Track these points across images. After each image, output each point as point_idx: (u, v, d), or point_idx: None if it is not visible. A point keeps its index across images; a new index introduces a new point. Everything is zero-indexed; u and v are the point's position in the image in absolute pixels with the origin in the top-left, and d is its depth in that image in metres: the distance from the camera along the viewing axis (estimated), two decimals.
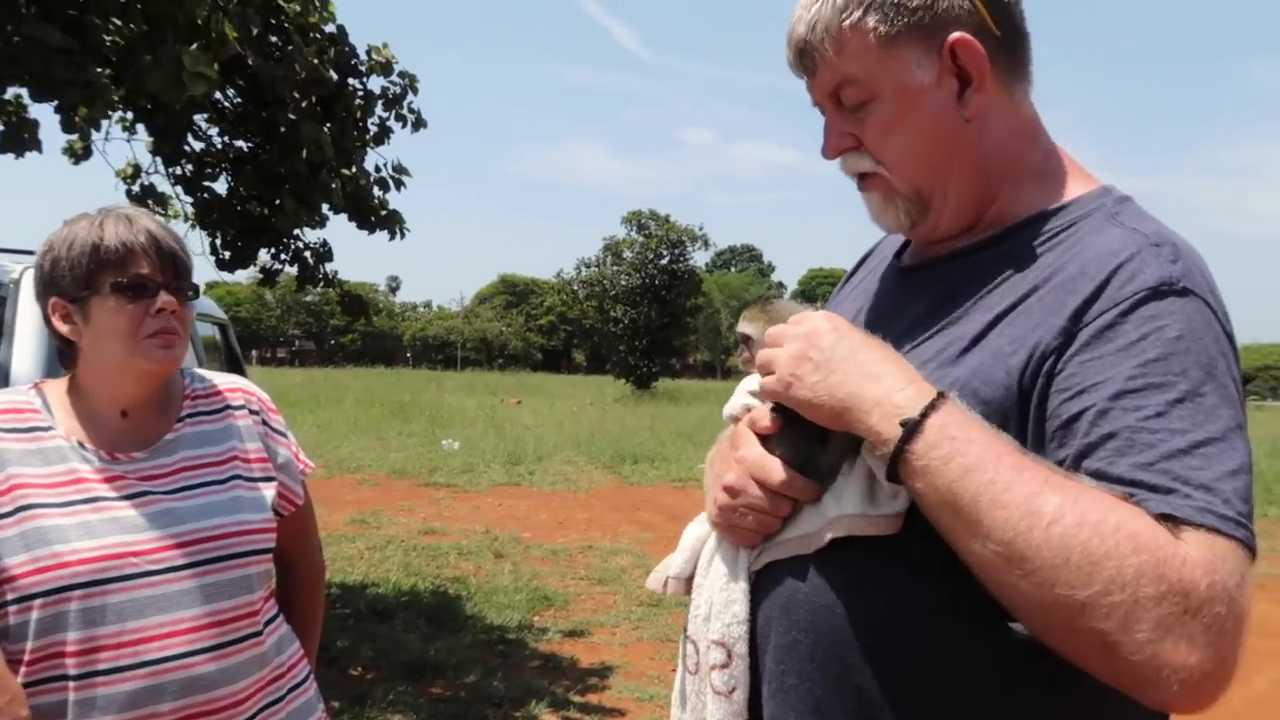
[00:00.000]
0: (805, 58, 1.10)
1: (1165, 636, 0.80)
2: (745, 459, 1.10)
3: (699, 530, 1.22)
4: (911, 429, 0.91)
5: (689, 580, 1.20)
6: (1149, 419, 0.88)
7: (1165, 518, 0.84)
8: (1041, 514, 0.84)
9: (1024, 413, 0.96)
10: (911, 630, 0.98)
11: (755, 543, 1.11)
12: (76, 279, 1.50)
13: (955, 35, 1.03)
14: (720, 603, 1.11)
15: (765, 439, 1.10)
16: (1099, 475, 0.88)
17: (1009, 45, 1.08)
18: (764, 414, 1.11)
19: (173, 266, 1.56)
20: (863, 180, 1.14)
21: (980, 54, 1.04)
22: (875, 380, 0.96)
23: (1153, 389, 0.89)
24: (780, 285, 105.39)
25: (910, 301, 1.14)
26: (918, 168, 1.09)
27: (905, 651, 0.98)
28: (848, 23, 1.04)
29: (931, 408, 0.91)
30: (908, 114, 1.06)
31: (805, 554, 1.05)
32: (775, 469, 1.07)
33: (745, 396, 1.21)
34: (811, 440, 1.07)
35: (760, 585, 1.10)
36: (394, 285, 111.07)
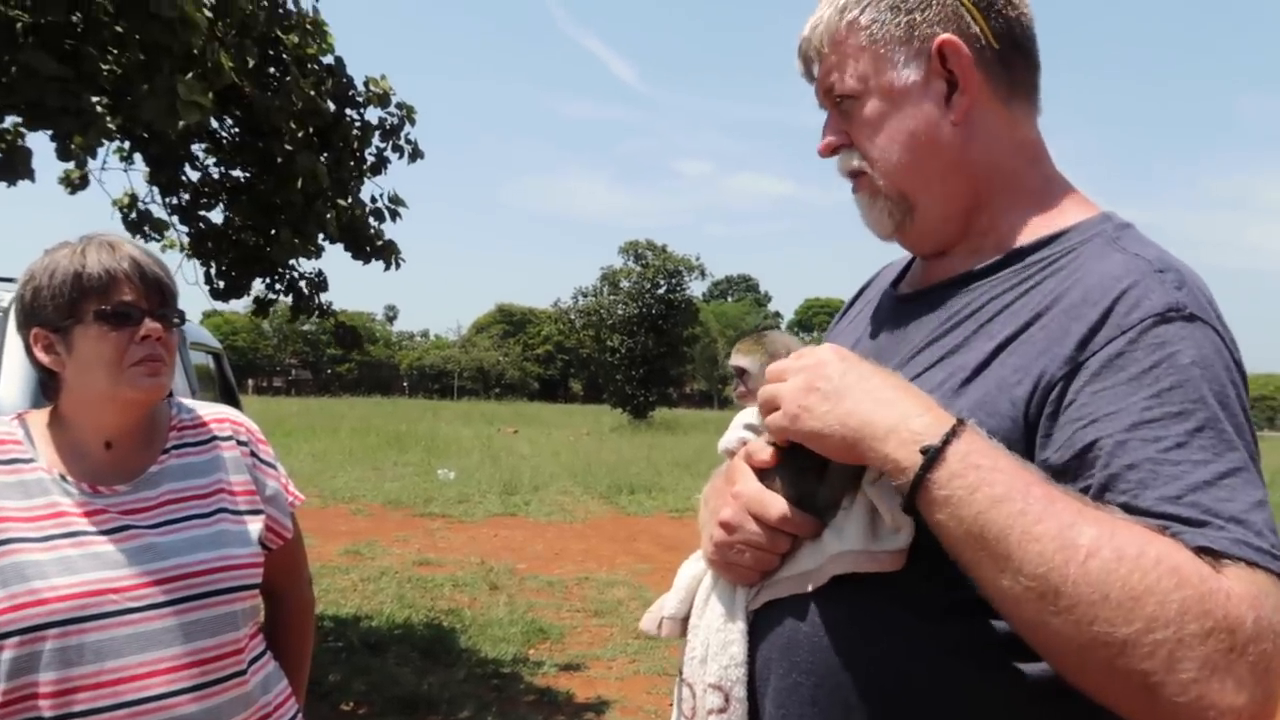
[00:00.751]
0: (809, 58, 1.14)
1: (1211, 676, 0.76)
2: (742, 494, 1.07)
3: (694, 569, 1.18)
4: (933, 456, 0.87)
5: (684, 621, 1.16)
6: (1170, 450, 0.85)
7: (1203, 550, 0.81)
8: (1078, 547, 0.80)
9: (1030, 443, 0.93)
10: (916, 671, 0.95)
11: (753, 581, 1.07)
12: (59, 308, 1.47)
13: (943, 37, 1.05)
14: (717, 644, 1.08)
15: (762, 474, 1.07)
16: (1125, 509, 0.85)
17: (1008, 61, 1.08)
18: (761, 448, 1.08)
19: (158, 293, 1.53)
20: (854, 181, 1.15)
21: (967, 58, 1.05)
22: (889, 407, 0.93)
23: (1171, 419, 0.87)
24: (777, 315, 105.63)
25: (909, 331, 1.12)
26: (900, 166, 1.09)
27: (909, 693, 0.96)
28: (844, 21, 1.09)
29: (953, 434, 0.88)
30: (893, 112, 1.08)
31: (805, 593, 1.02)
32: (773, 504, 1.04)
33: (741, 430, 1.18)
34: (810, 474, 1.04)
35: (758, 625, 1.07)
36: (391, 314, 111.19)
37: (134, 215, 4.09)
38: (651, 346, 41.49)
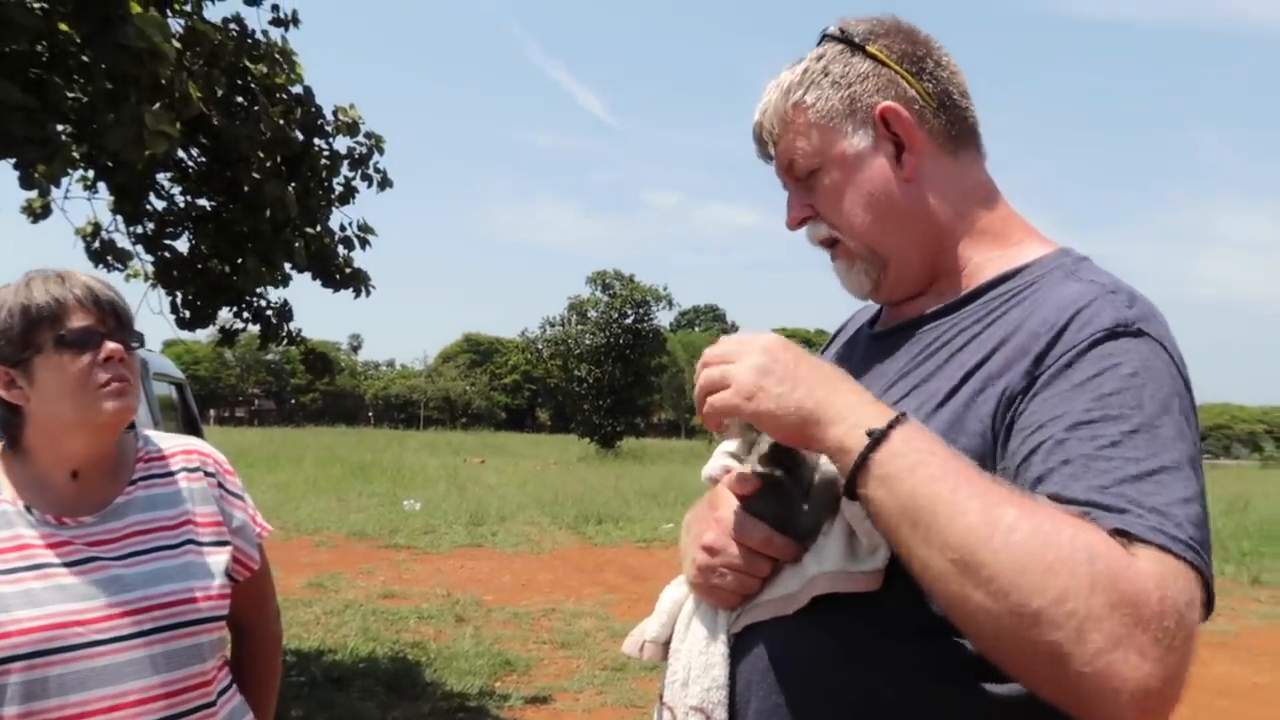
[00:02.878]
0: (762, 141, 1.22)
1: (1116, 648, 0.80)
2: (724, 518, 1.10)
3: (676, 593, 1.20)
4: (878, 438, 0.92)
5: (666, 645, 1.18)
6: (1104, 447, 0.90)
7: (1119, 533, 0.85)
8: (1000, 523, 0.85)
9: (995, 455, 0.98)
10: (896, 692, 0.97)
11: (734, 604, 1.10)
12: (11, 342, 1.46)
13: (884, 104, 1.13)
14: (699, 666, 1.09)
15: (744, 500, 1.10)
16: (1054, 498, 0.89)
17: (947, 116, 1.16)
18: (744, 476, 1.11)
19: (113, 316, 1.52)
20: (830, 250, 1.22)
21: (907, 120, 1.13)
22: (840, 395, 0.98)
23: (1109, 420, 0.91)
24: None
25: (884, 365, 1.17)
26: (866, 227, 1.15)
27: (889, 714, 0.98)
28: (790, 103, 1.17)
29: (896, 422, 0.93)
30: (850, 179, 1.15)
31: (786, 615, 1.04)
32: (755, 528, 1.07)
33: (724, 458, 1.20)
34: (791, 500, 1.07)
35: (740, 648, 1.09)
36: (356, 344, 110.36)
37: (97, 245, 4.04)
38: (619, 376, 41.51)
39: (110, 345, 1.49)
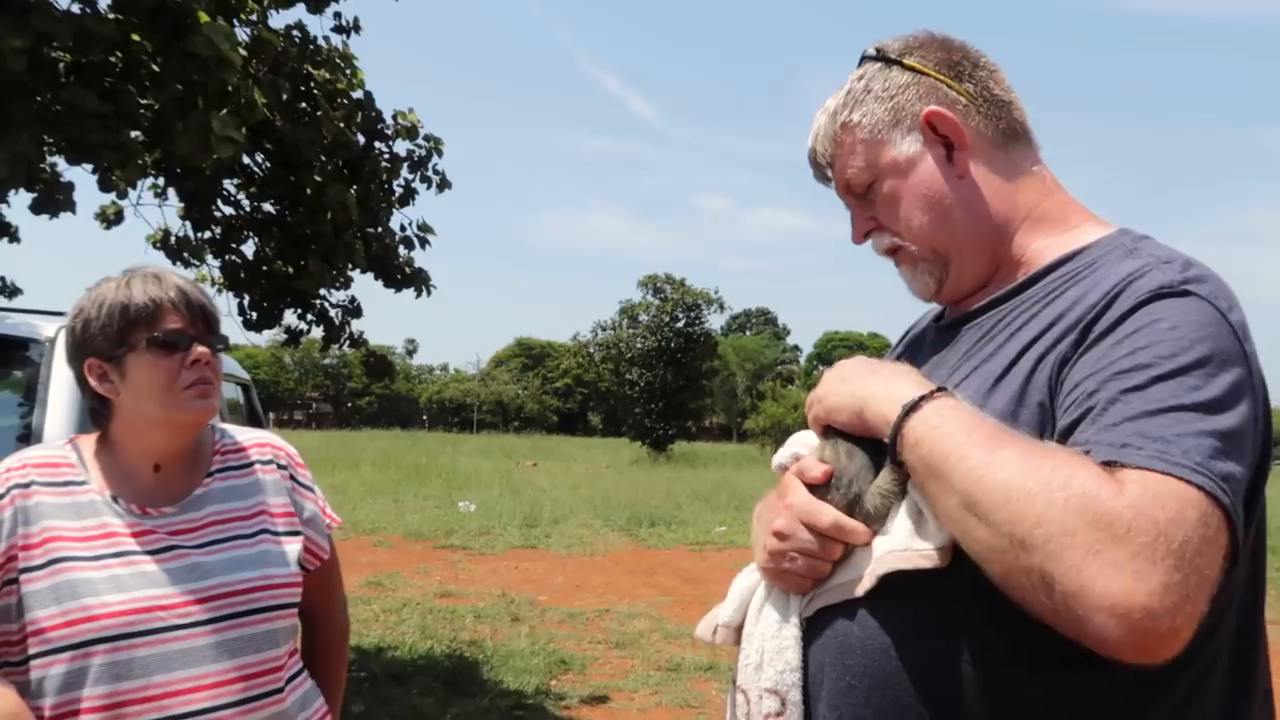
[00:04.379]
0: (818, 165, 1.28)
1: (1089, 564, 0.82)
2: (795, 504, 1.12)
3: (748, 580, 1.22)
4: (910, 408, 1.00)
5: (738, 630, 1.20)
6: (1128, 391, 0.92)
7: (1107, 464, 0.87)
8: (995, 462, 0.90)
9: (1055, 421, 1.00)
10: (968, 671, 0.98)
11: (806, 588, 1.12)
12: (109, 338, 1.52)
13: (927, 109, 1.18)
14: (772, 650, 1.12)
15: (813, 489, 1.12)
16: (1074, 443, 0.93)
17: (992, 113, 1.20)
18: (813, 464, 1.13)
19: (203, 319, 1.59)
20: (894, 257, 1.26)
21: (952, 120, 1.17)
22: (890, 383, 1.07)
23: (1139, 369, 0.93)
24: (796, 349, 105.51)
25: (948, 353, 1.20)
26: (926, 228, 1.19)
27: (962, 693, 0.98)
28: (838, 124, 1.23)
29: (930, 395, 1.00)
30: (905, 185, 1.20)
31: (857, 597, 1.06)
32: (825, 511, 1.09)
33: (794, 447, 1.23)
34: (859, 485, 1.09)
35: (812, 631, 1.11)
36: (411, 348, 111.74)
37: (173, 241, 4.17)
38: (670, 380, 41.50)
39: (199, 349, 1.55)
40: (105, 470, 1.57)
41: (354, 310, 4.95)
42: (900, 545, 1.03)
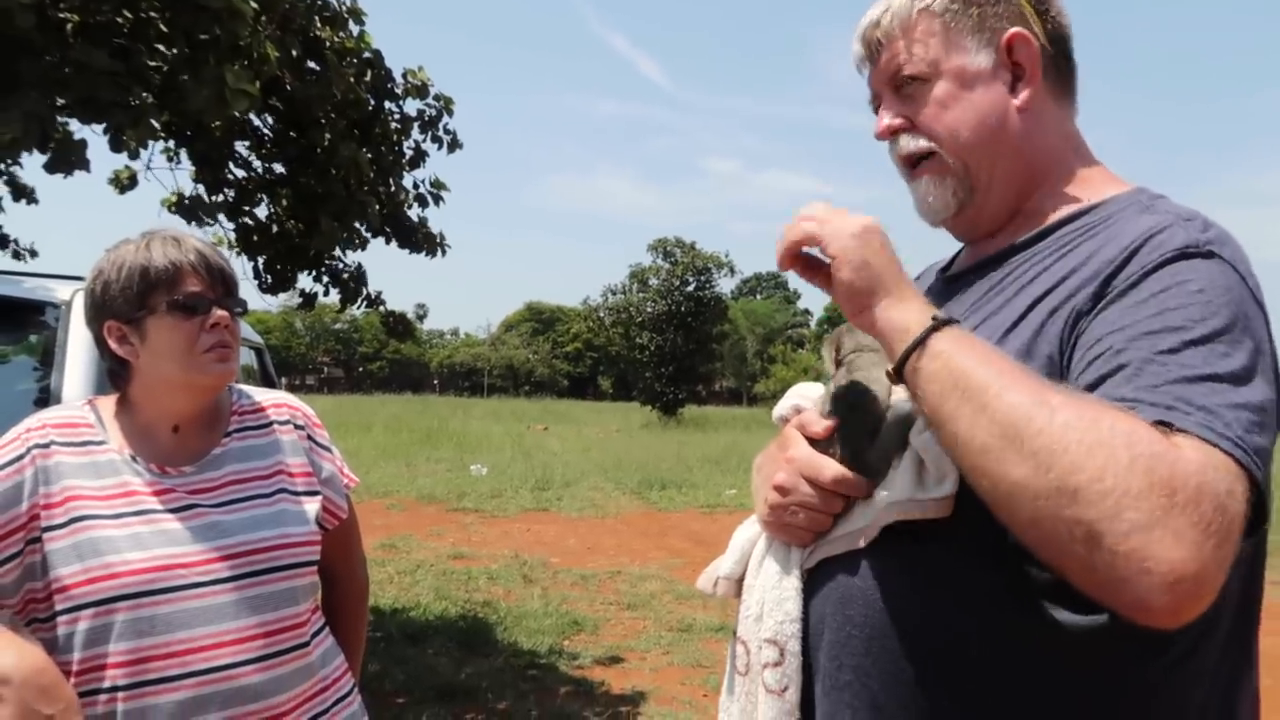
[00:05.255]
0: (873, 43, 1.19)
1: (1152, 527, 0.79)
2: (796, 458, 1.11)
3: (749, 532, 1.22)
4: (941, 322, 0.96)
5: (739, 582, 1.20)
6: (1162, 353, 0.90)
7: (1161, 424, 0.85)
8: (1048, 404, 0.86)
9: (1064, 376, 0.98)
10: (967, 621, 0.98)
11: (807, 541, 1.12)
12: (129, 300, 1.52)
13: (1014, 30, 1.13)
14: (772, 601, 1.12)
15: (814, 441, 1.11)
16: (1108, 398, 0.89)
17: (1058, 63, 1.17)
18: (814, 418, 1.12)
19: (222, 283, 1.58)
20: (914, 168, 1.20)
21: (1035, 50, 1.14)
22: (911, 289, 1.02)
23: (1170, 331, 0.91)
24: (806, 313, 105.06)
25: (955, 304, 1.18)
26: (969, 144, 1.15)
27: (962, 642, 0.98)
28: (917, 7, 1.15)
29: (953, 319, 0.97)
30: (964, 94, 1.14)
31: (858, 549, 1.06)
32: (827, 465, 1.08)
33: (795, 398, 1.22)
34: (861, 438, 1.08)
35: (813, 582, 1.11)
36: (421, 313, 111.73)
37: (186, 202, 4.14)
38: (681, 344, 41.45)
39: (218, 312, 1.55)
40: (124, 430, 1.57)
41: (360, 277, 4.92)
42: (902, 496, 1.02)
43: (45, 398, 2.78)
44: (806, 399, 1.20)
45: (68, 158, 3.20)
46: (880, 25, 1.18)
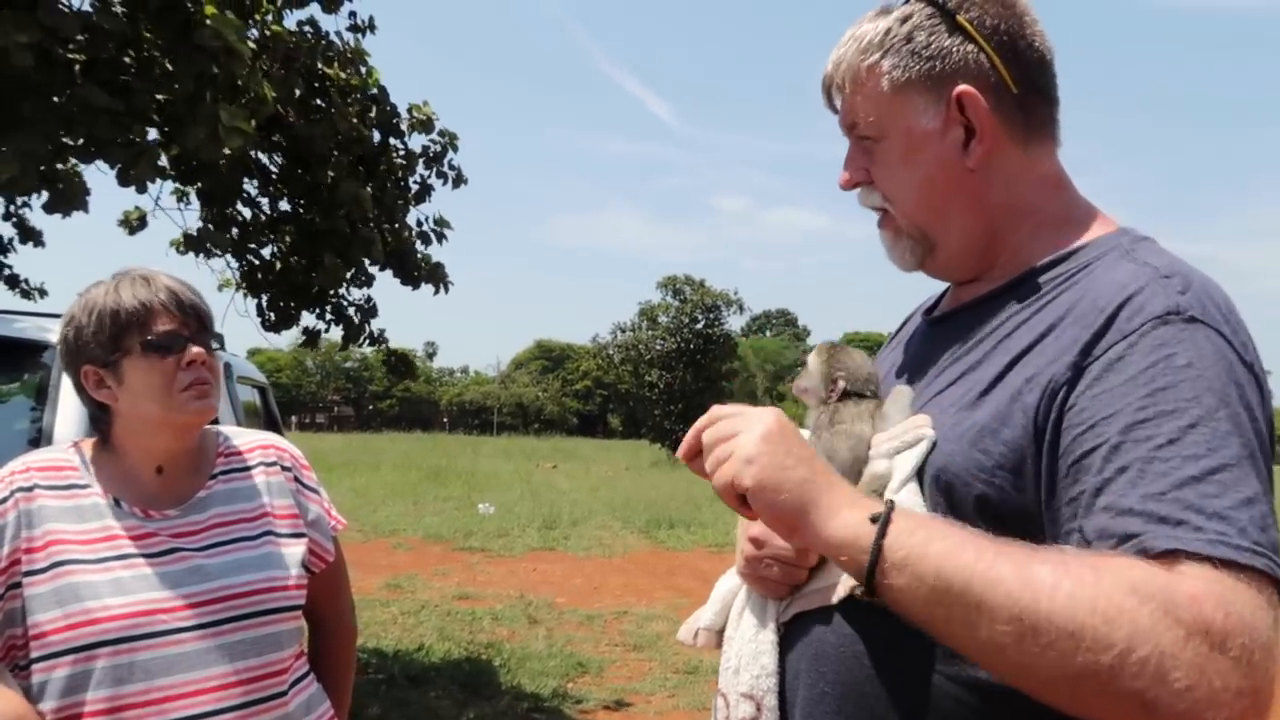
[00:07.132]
0: (829, 91, 1.17)
1: (1201, 679, 0.76)
2: None
3: (730, 583, 1.21)
4: (885, 518, 0.88)
5: (720, 633, 1.19)
6: (1160, 447, 0.86)
7: (1170, 553, 0.81)
8: (1041, 581, 0.81)
9: (1039, 449, 0.94)
10: (939, 680, 0.96)
11: (783, 594, 1.11)
12: (102, 344, 1.50)
13: (961, 88, 1.07)
14: (749, 654, 1.11)
15: None
16: (1111, 509, 0.85)
17: (1027, 104, 1.09)
18: None
19: (196, 319, 1.56)
20: (880, 216, 1.17)
21: (984, 108, 1.07)
22: (834, 484, 0.95)
23: (1164, 416, 0.87)
24: None
25: (936, 351, 1.15)
26: (919, 208, 1.12)
27: (933, 702, 0.97)
28: (866, 64, 1.10)
29: (891, 506, 0.89)
30: (912, 157, 1.10)
31: (832, 605, 1.04)
32: None
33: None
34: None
35: (789, 637, 1.10)
36: (431, 351, 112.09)
37: (196, 235, 4.15)
38: (690, 381, 41.39)
39: (193, 349, 1.53)
40: (108, 473, 1.55)
41: (370, 310, 4.91)
42: None
43: (39, 438, 2.77)
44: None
45: (67, 198, 3.21)
46: (834, 77, 1.15)
